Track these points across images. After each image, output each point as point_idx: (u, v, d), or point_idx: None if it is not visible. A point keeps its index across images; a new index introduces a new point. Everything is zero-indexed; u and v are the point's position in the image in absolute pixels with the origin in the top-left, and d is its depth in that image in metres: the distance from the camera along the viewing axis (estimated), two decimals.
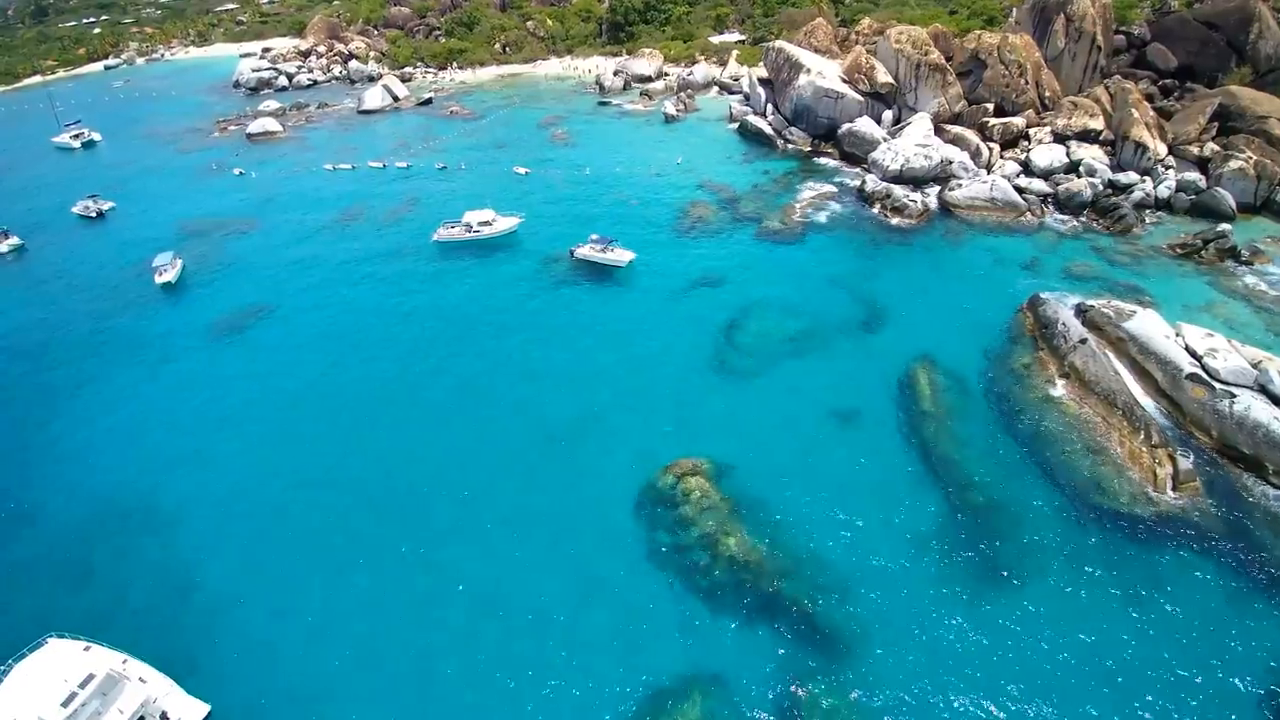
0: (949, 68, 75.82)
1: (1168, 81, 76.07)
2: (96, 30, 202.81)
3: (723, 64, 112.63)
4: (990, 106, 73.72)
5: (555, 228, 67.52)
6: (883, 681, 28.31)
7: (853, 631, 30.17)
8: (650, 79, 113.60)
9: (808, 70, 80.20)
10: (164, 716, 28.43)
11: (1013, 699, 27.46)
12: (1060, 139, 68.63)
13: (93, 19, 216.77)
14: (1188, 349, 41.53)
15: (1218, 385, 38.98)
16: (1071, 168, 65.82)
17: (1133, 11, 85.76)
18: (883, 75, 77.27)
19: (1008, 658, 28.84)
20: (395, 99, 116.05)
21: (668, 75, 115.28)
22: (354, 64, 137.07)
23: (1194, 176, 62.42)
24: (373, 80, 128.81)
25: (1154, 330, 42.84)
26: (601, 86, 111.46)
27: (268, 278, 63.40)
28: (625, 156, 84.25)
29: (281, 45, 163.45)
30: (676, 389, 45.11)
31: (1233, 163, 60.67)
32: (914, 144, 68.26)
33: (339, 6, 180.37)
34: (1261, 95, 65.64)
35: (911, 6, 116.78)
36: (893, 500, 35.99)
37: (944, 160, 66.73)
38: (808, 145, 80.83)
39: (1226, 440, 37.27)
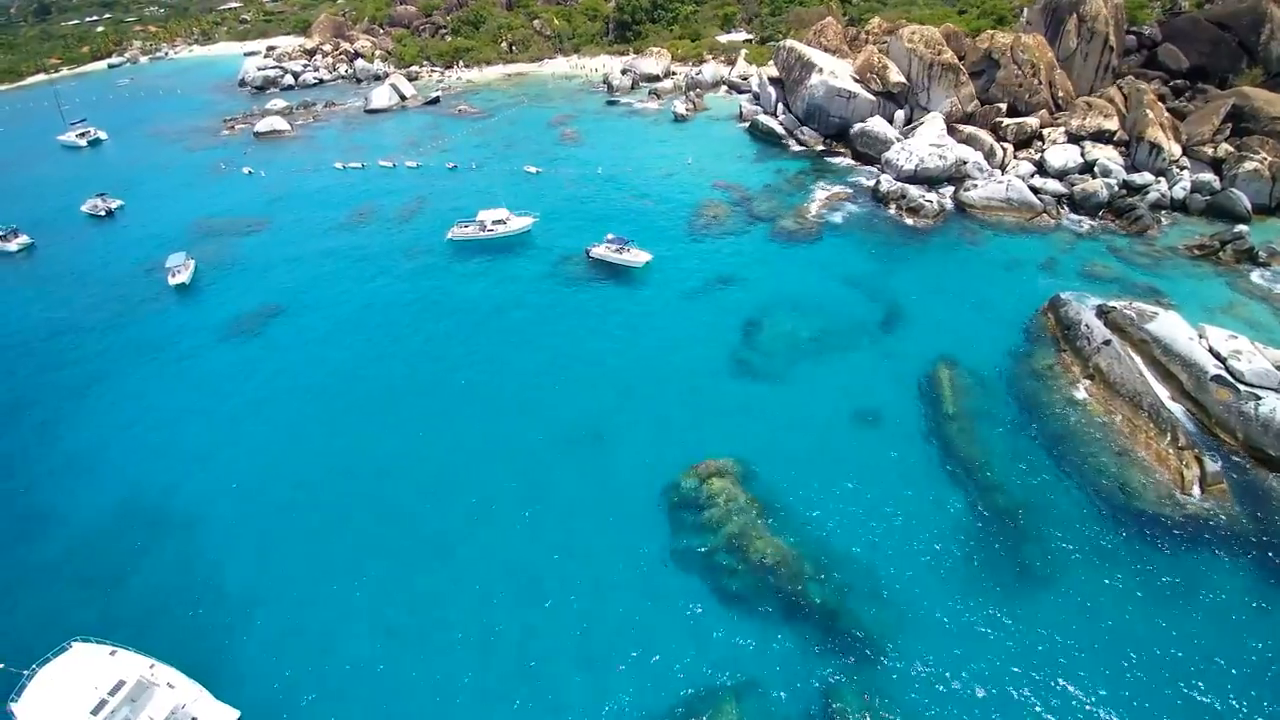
0: (962, 67, 75.73)
1: (1179, 82, 75.98)
2: (100, 29, 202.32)
3: (731, 63, 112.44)
4: (1003, 107, 73.55)
5: (569, 227, 67.29)
6: (914, 683, 28.30)
7: (884, 634, 30.13)
8: (658, 78, 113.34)
9: (820, 70, 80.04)
10: None
11: (1042, 700, 27.47)
12: (1075, 139, 68.51)
13: (95, 17, 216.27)
14: (1211, 351, 41.44)
15: (1242, 388, 38.91)
16: (1086, 168, 65.71)
17: (1143, 12, 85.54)
18: (895, 75, 77.15)
19: (1037, 659, 28.81)
20: (403, 98, 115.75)
21: (675, 74, 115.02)
22: (360, 63, 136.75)
23: (1208, 177, 62.37)
24: (379, 79, 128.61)
25: (1177, 332, 42.73)
26: (610, 86, 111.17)
27: (281, 277, 63.15)
28: (636, 156, 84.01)
29: (286, 44, 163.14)
30: (697, 389, 44.96)
31: (1247, 164, 60.59)
32: (928, 144, 68.12)
33: (344, 5, 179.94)
34: (1275, 96, 65.51)
35: (920, 6, 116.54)
36: (919, 501, 35.96)
37: (958, 160, 66.60)
38: (819, 144, 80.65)
39: (1252, 443, 37.21)
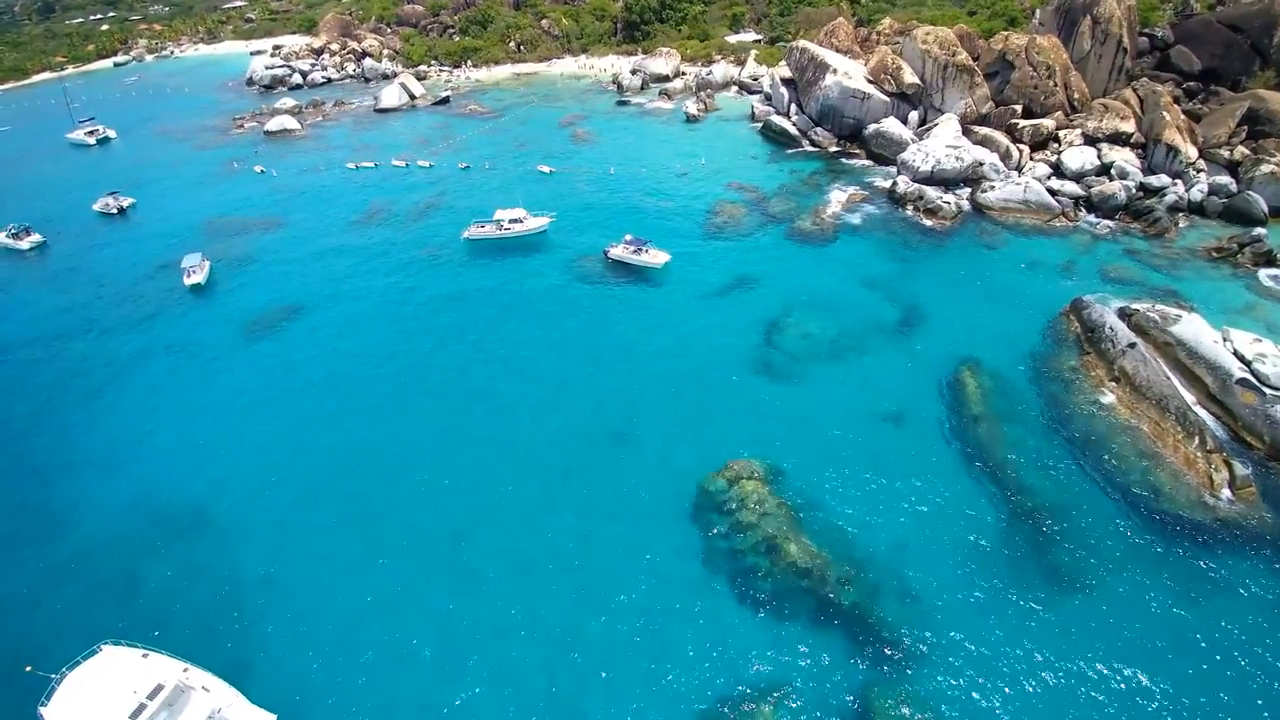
0: (977, 69, 75.76)
1: (1191, 84, 76.14)
2: (104, 27, 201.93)
3: (740, 63, 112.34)
4: (1018, 108, 73.54)
5: (585, 227, 67.28)
6: (947, 687, 28.29)
7: (916, 637, 30.14)
8: (668, 78, 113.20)
9: (834, 70, 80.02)
10: None
11: (1077, 702, 27.52)
12: (1091, 141, 68.52)
13: (99, 16, 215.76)
14: (1236, 354, 41.50)
15: (1268, 391, 39.00)
16: (1103, 170, 65.70)
17: (1155, 14, 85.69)
18: (909, 76, 77.15)
19: (1070, 661, 28.83)
20: (412, 97, 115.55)
21: (685, 74, 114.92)
22: (368, 62, 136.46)
23: (1225, 180, 62.41)
24: (387, 78, 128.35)
25: (1202, 335, 42.78)
26: (620, 85, 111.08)
27: (297, 278, 63.04)
28: (649, 156, 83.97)
29: (292, 43, 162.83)
30: (720, 390, 44.96)
31: (1264, 166, 60.65)
32: (944, 145, 68.10)
33: (350, 4, 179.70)
34: None
35: (929, 7, 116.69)
36: (949, 504, 35.96)
37: (975, 162, 66.58)
38: (833, 145, 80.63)
39: (1279, 446, 37.28)
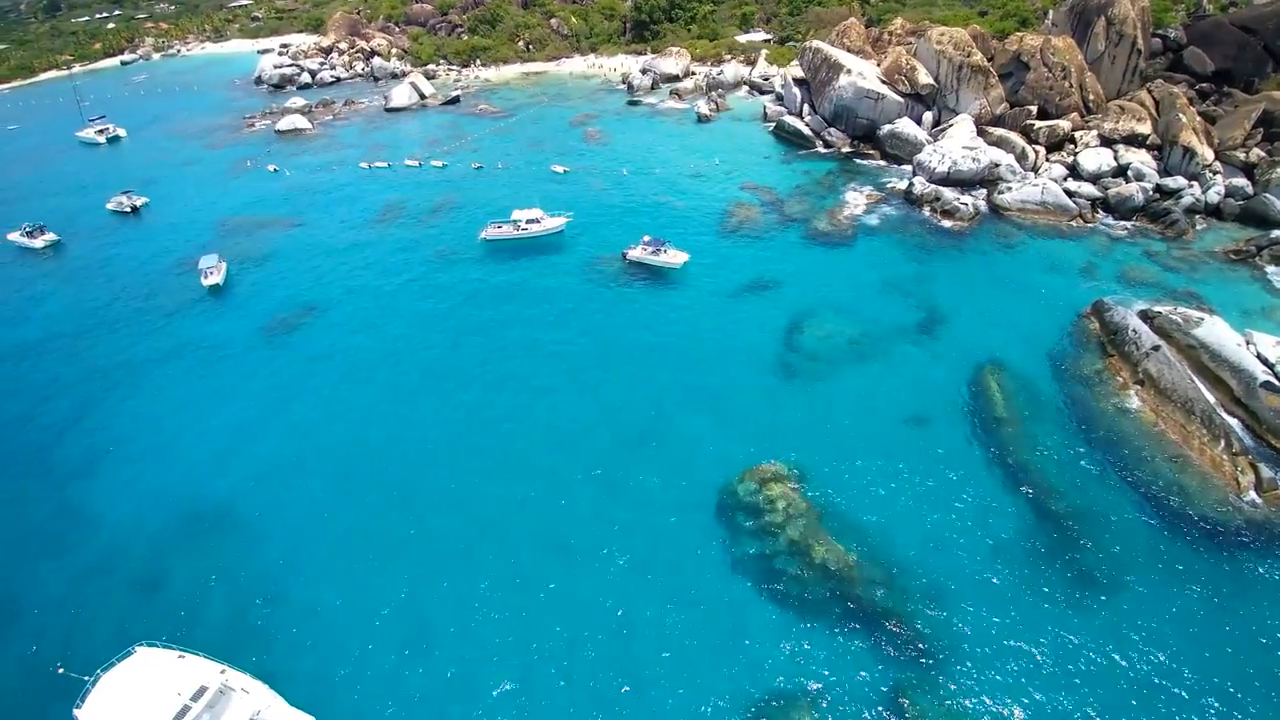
0: (992, 69, 75.74)
1: (1204, 85, 76.05)
2: (110, 25, 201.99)
3: (751, 63, 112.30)
4: (1033, 109, 73.50)
5: (601, 227, 67.34)
6: (978, 689, 28.37)
7: (946, 640, 30.22)
8: (678, 78, 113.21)
9: (848, 71, 80.00)
10: None
11: (1106, 705, 27.59)
12: (1107, 143, 68.52)
13: (105, 14, 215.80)
14: (1260, 357, 41.58)
15: None
16: (1119, 172, 65.69)
17: (1168, 15, 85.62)
18: (924, 77, 77.15)
19: (1100, 664, 28.92)
20: (422, 97, 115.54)
21: (695, 74, 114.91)
22: (377, 61, 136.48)
23: (1241, 182, 62.41)
24: (396, 77, 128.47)
25: (1225, 338, 42.83)
26: (630, 85, 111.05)
27: (314, 278, 63.07)
28: (662, 156, 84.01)
29: (299, 42, 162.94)
30: (743, 392, 45.03)
31: None
32: (960, 146, 68.12)
33: (358, 2, 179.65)
34: None
35: (940, 7, 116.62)
36: (975, 506, 36.06)
37: (991, 163, 66.59)
38: (847, 146, 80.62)
39: None
